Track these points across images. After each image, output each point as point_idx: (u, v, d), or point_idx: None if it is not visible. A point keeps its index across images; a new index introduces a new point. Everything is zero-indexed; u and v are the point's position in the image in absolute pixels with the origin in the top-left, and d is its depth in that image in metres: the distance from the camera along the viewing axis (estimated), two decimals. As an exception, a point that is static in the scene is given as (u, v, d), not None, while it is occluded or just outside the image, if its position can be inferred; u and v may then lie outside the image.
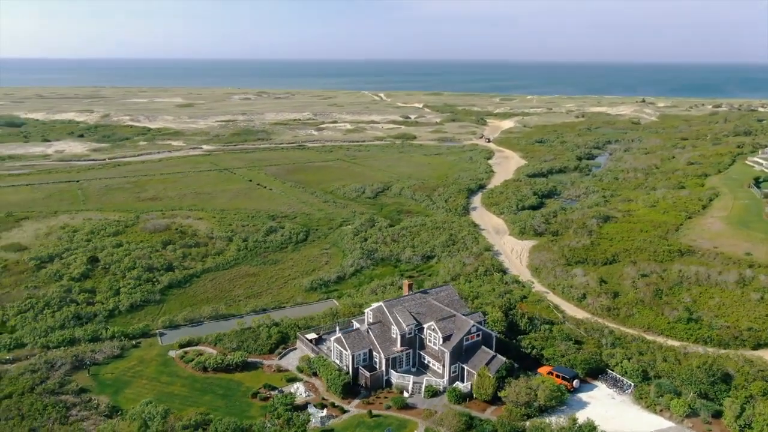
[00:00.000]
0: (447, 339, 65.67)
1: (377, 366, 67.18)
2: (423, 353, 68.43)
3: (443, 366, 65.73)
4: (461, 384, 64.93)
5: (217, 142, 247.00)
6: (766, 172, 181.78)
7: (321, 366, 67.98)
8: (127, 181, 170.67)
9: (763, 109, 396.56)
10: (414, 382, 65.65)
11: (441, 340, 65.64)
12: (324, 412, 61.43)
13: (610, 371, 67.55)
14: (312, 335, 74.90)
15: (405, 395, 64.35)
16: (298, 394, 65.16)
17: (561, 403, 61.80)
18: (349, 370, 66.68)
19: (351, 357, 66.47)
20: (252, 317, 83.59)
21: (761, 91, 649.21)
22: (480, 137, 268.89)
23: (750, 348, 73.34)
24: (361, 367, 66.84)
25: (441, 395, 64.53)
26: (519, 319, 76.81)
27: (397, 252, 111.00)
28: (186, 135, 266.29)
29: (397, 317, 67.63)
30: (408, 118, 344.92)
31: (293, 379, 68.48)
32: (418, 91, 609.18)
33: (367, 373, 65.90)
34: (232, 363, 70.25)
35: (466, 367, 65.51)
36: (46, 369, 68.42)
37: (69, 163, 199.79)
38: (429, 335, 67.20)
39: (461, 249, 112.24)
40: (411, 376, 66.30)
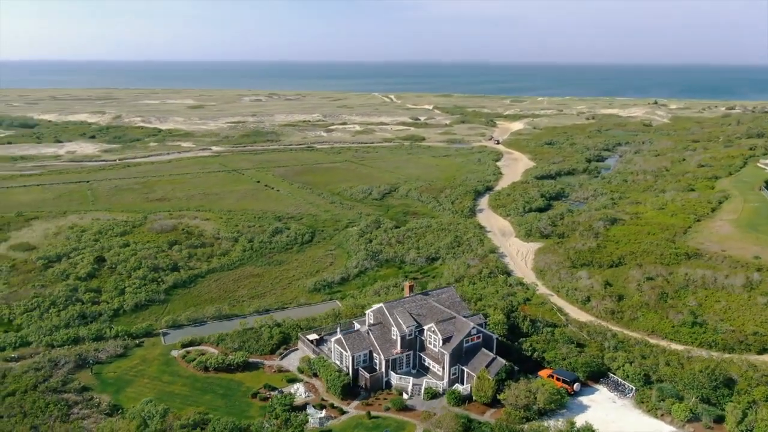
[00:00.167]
0: (447, 341, 65.54)
1: (377, 367, 67.20)
2: (423, 355, 68.33)
3: (443, 368, 65.60)
4: (461, 386, 64.76)
5: (227, 143, 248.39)
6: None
7: (321, 367, 68.11)
8: (137, 182, 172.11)
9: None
10: (414, 383, 65.58)
11: (441, 341, 65.53)
12: (323, 412, 61.54)
13: (611, 375, 67.07)
14: (313, 336, 75.06)
15: (404, 397, 64.30)
16: (297, 394, 65.31)
17: (561, 407, 61.47)
18: (349, 371, 66.75)
19: (351, 358, 66.53)
20: (255, 318, 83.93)
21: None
22: (489, 139, 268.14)
23: (755, 353, 72.42)
24: (361, 369, 66.89)
25: (441, 397, 64.40)
26: (521, 322, 76.48)
27: (402, 253, 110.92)
28: (196, 136, 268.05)
29: (398, 319, 67.60)
30: (417, 119, 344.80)
31: (293, 380, 68.68)
32: (428, 93, 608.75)
33: (367, 375, 65.93)
34: (233, 363, 70.57)
35: (465, 369, 65.35)
36: (49, 367, 69.13)
37: (80, 164, 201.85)
38: (429, 337, 67.11)
39: (466, 251, 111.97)
40: (411, 377, 66.24)
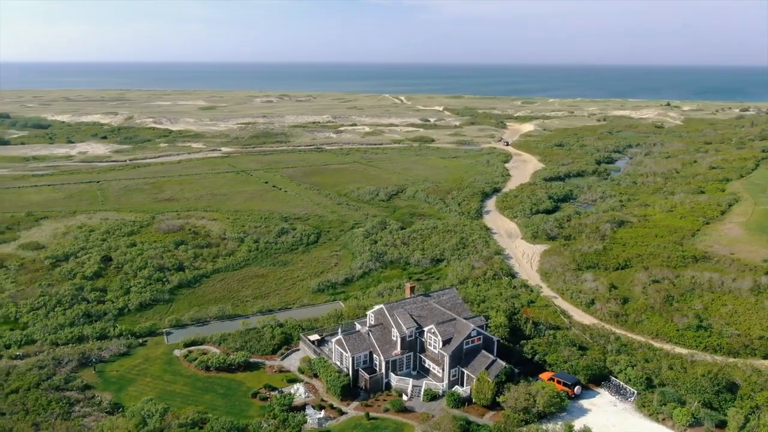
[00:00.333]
0: (447, 342, 65.34)
1: (377, 368, 67.14)
2: (423, 356, 68.16)
3: (443, 370, 65.38)
4: (461, 388, 64.50)
5: (236, 144, 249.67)
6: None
7: (321, 367, 68.17)
8: (146, 182, 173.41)
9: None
10: (413, 385, 65.44)
11: (441, 343, 65.33)
12: (322, 413, 61.56)
13: (613, 378, 66.50)
14: (314, 336, 75.16)
15: (404, 398, 64.18)
16: (297, 395, 65.40)
17: (561, 410, 61.01)
18: (349, 372, 66.74)
19: (351, 359, 66.52)
20: (258, 318, 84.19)
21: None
22: (499, 140, 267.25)
23: (761, 357, 71.43)
24: (361, 369, 66.86)
25: (440, 399, 64.21)
26: (523, 324, 76.04)
27: (407, 255, 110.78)
28: (206, 137, 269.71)
29: (398, 320, 67.49)
30: (427, 121, 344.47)
31: (294, 380, 68.81)
32: (438, 94, 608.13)
33: (367, 376, 65.88)
34: (234, 363, 70.84)
35: (465, 371, 65.10)
36: (53, 365, 69.81)
37: (91, 164, 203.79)
38: (429, 338, 66.93)
39: (471, 252, 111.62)
40: (410, 379, 66.12)
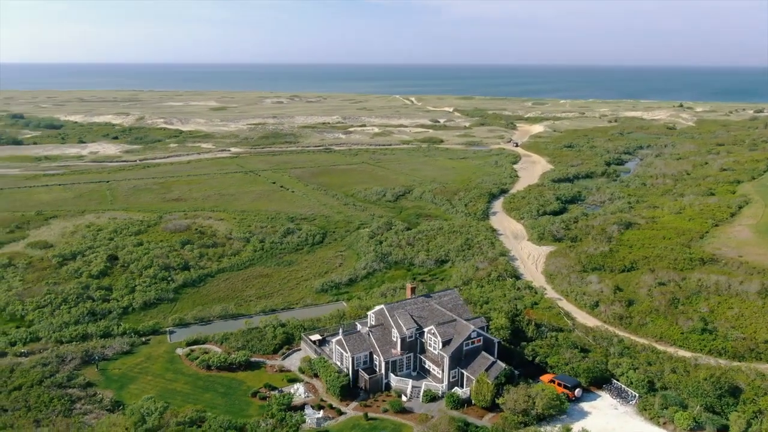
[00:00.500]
0: (447, 343, 65.13)
1: (377, 369, 67.08)
2: (423, 357, 67.99)
3: (442, 371, 65.18)
4: (460, 389, 64.24)
5: (246, 144, 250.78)
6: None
7: (321, 367, 68.21)
8: (155, 182, 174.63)
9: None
10: (413, 386, 65.30)
11: (440, 344, 65.14)
12: (320, 413, 61.58)
13: (615, 381, 65.92)
14: (316, 336, 75.28)
15: (403, 399, 64.06)
16: (297, 394, 65.50)
17: (561, 412, 60.58)
18: (349, 372, 66.74)
19: (351, 359, 66.51)
20: (261, 317, 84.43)
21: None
22: (508, 141, 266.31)
23: (766, 361, 70.43)
24: (361, 370, 66.82)
25: (440, 400, 64.00)
26: (525, 326, 75.60)
27: (411, 256, 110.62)
28: (216, 138, 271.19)
29: (398, 320, 67.39)
30: (437, 122, 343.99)
31: (294, 380, 68.92)
32: (449, 95, 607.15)
33: (366, 376, 65.83)
34: (235, 362, 71.10)
35: (465, 373, 64.84)
36: (56, 363, 70.47)
37: (101, 164, 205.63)
38: (429, 339, 66.77)
39: (476, 253, 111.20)
40: (410, 380, 65.99)
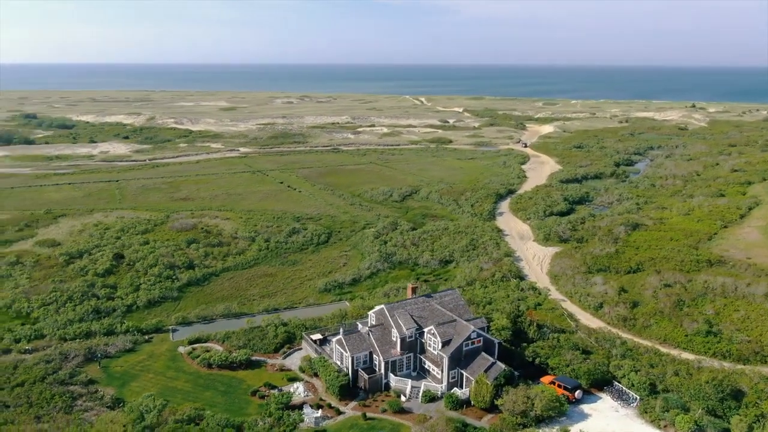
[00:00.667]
0: (446, 344, 64.91)
1: (376, 369, 66.99)
2: (423, 357, 67.81)
3: (442, 371, 64.96)
4: (459, 390, 64.00)
5: (254, 144, 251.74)
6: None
7: (321, 367, 68.25)
8: (163, 182, 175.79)
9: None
10: (412, 386, 65.15)
11: (440, 344, 64.93)
12: (319, 412, 61.59)
13: (616, 383, 65.34)
14: (317, 336, 75.34)
15: (402, 399, 63.91)
16: (296, 393, 65.58)
17: (561, 414, 60.15)
18: (349, 371, 66.71)
19: (350, 359, 66.48)
20: (263, 316, 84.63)
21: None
22: (517, 142, 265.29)
23: (771, 364, 69.62)
24: (361, 370, 66.76)
25: (439, 401, 63.79)
26: (526, 327, 75.18)
27: (416, 256, 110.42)
28: (225, 137, 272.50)
29: (398, 320, 67.26)
30: (446, 122, 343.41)
31: (294, 379, 69.00)
32: (459, 96, 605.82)
33: (366, 376, 65.77)
34: (236, 360, 71.31)
35: (464, 373, 64.58)
36: (59, 360, 71.09)
37: (111, 164, 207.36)
38: (429, 339, 66.58)
39: (481, 254, 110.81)
40: (409, 380, 65.85)
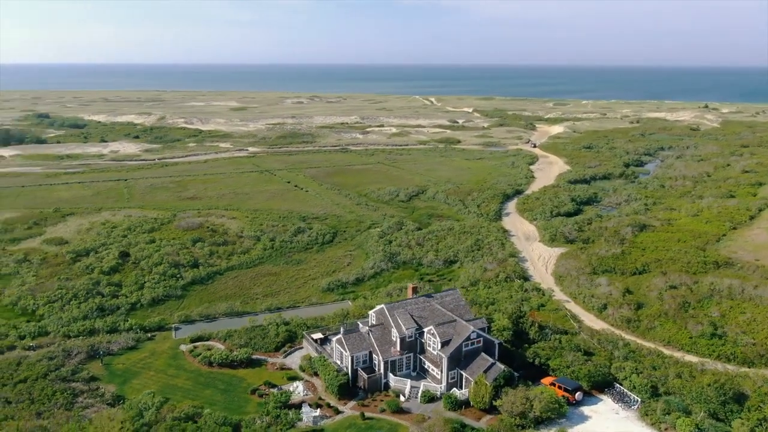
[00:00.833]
0: (446, 344, 64.65)
1: (376, 368, 66.87)
2: (423, 357, 67.60)
3: (441, 371, 64.71)
4: (458, 391, 63.72)
5: (263, 144, 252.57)
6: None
7: (321, 366, 68.24)
8: (171, 181, 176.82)
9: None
10: (412, 386, 64.96)
11: (439, 344, 64.69)
12: (317, 411, 61.57)
13: (617, 385, 64.73)
14: (318, 335, 75.34)
15: (401, 399, 63.75)
16: (296, 392, 65.61)
17: (560, 416, 59.67)
18: (348, 371, 66.65)
19: (350, 358, 66.43)
20: (265, 315, 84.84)
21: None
22: (526, 142, 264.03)
23: (777, 368, 68.62)
24: (360, 369, 66.68)
25: (438, 401, 63.53)
26: (528, 328, 74.70)
27: (420, 256, 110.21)
28: (234, 137, 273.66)
29: (398, 320, 67.10)
30: (455, 122, 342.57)
31: (294, 378, 69.06)
32: (469, 96, 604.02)
33: (365, 375, 65.68)
34: (236, 359, 71.49)
35: (464, 374, 64.26)
36: (62, 357, 71.68)
37: (121, 163, 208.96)
38: (428, 339, 66.37)
39: (486, 254, 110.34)
40: (409, 380, 65.67)
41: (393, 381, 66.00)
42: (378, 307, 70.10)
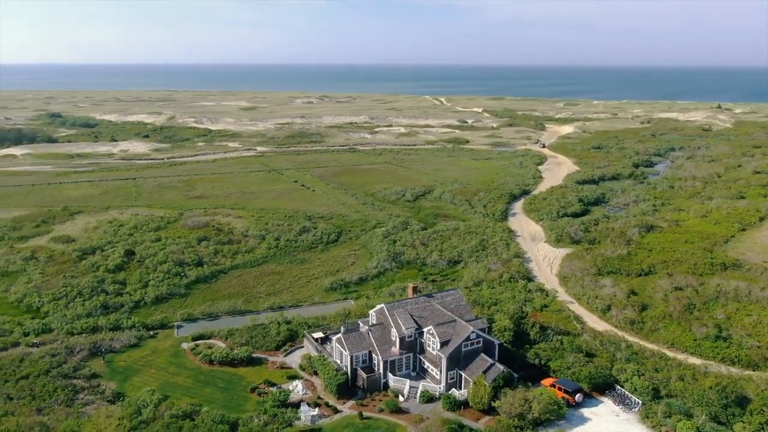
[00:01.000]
0: (445, 344, 64.37)
1: (375, 368, 66.72)
2: (422, 358, 67.34)
3: (440, 371, 64.43)
4: (458, 391, 63.41)
5: (272, 143, 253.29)
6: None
7: (320, 365, 68.20)
8: (179, 180, 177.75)
9: None
10: (411, 386, 64.72)
11: (439, 344, 64.42)
12: (316, 410, 61.52)
13: (618, 387, 64.11)
14: (318, 334, 75.31)
15: (400, 399, 63.54)
16: (295, 391, 65.61)
17: (559, 418, 59.20)
18: (348, 370, 66.55)
19: (350, 358, 66.33)
20: (267, 314, 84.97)
21: None
22: (535, 142, 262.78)
23: (782, 371, 67.63)
24: (360, 369, 66.55)
25: (437, 401, 63.25)
26: (530, 329, 74.15)
27: (424, 256, 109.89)
28: (243, 137, 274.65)
29: (398, 320, 66.90)
30: (465, 122, 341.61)
31: (294, 377, 69.08)
32: (479, 96, 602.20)
33: (364, 375, 65.55)
34: (237, 357, 71.61)
35: (463, 374, 63.92)
36: (65, 354, 72.23)
37: (130, 162, 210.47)
38: (428, 339, 66.11)
39: (490, 254, 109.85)
40: (408, 380, 65.44)
41: (392, 381, 65.80)
42: (378, 307, 69.93)
